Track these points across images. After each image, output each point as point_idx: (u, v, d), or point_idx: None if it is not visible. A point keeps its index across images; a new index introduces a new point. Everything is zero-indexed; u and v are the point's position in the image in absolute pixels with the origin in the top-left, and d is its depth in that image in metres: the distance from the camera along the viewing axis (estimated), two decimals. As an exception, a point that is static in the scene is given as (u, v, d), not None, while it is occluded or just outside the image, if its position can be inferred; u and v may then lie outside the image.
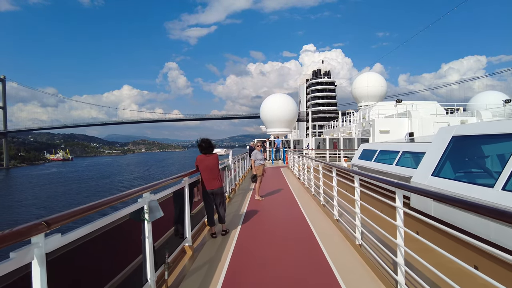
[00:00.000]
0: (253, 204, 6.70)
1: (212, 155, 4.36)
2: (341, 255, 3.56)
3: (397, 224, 2.54)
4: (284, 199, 7.34)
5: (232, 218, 5.50)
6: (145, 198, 2.56)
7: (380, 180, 3.09)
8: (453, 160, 4.35)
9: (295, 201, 6.97)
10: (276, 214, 5.85)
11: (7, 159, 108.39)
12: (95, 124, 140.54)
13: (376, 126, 19.69)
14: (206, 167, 4.27)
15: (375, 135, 19.70)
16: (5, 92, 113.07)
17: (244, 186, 9.51)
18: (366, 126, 21.13)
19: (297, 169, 11.48)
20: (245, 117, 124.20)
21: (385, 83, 35.15)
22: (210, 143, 4.32)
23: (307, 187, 8.47)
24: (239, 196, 7.80)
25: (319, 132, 59.08)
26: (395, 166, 6.57)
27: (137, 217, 2.53)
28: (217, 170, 4.33)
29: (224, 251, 3.80)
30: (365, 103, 33.54)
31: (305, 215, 5.59)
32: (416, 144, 6.59)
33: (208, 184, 4.28)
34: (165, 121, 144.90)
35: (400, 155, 6.63)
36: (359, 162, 8.95)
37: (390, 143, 8.08)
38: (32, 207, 34.23)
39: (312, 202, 6.74)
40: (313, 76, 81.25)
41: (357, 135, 22.31)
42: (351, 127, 24.32)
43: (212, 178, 4.28)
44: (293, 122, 35.05)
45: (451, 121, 19.25)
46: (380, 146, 8.12)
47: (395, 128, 19.53)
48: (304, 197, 7.35)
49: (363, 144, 9.62)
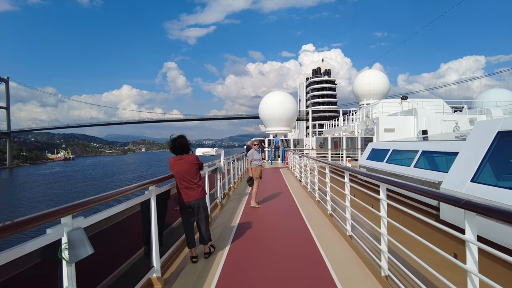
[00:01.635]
0: (248, 213, 5.77)
1: (185, 157, 3.35)
2: None
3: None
4: (285, 206, 6.43)
5: (222, 232, 4.56)
6: (63, 225, 1.63)
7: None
8: (500, 161, 3.41)
9: (298, 209, 6.04)
10: (274, 226, 4.95)
11: (10, 159, 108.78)
12: (98, 124, 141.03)
13: (380, 125, 18.75)
14: (178, 173, 3.32)
15: (379, 134, 18.75)
16: (9, 93, 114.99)
17: (239, 190, 8.58)
18: (370, 125, 20.19)
19: (298, 171, 10.53)
20: (244, 117, 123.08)
21: (387, 80, 34.21)
22: (182, 142, 3.33)
23: (310, 191, 7.53)
24: (233, 202, 6.87)
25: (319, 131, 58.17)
26: (415, 169, 5.62)
27: (50, 255, 1.59)
28: (193, 176, 3.35)
29: (206, 281, 2.92)
30: (367, 101, 32.59)
31: (310, 227, 4.68)
32: (439, 143, 5.63)
33: (184, 194, 3.33)
34: (166, 121, 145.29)
35: (419, 155, 5.69)
36: (367, 163, 8.01)
37: (405, 142, 7.13)
38: (43, 203, 34.72)
39: (317, 211, 5.82)
40: (313, 74, 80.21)
41: (360, 134, 21.36)
42: (353, 125, 23.37)
43: (188, 187, 3.32)
44: (292, 121, 34.07)
45: (459, 119, 18.33)
46: (393, 145, 7.17)
47: (400, 127, 18.59)
48: (307, 205, 6.42)
49: (372, 143, 8.67)
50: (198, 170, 3.42)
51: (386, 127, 18.62)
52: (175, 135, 3.41)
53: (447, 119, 18.44)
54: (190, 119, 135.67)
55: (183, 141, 3.35)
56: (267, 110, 31.03)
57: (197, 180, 3.37)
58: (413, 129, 18.63)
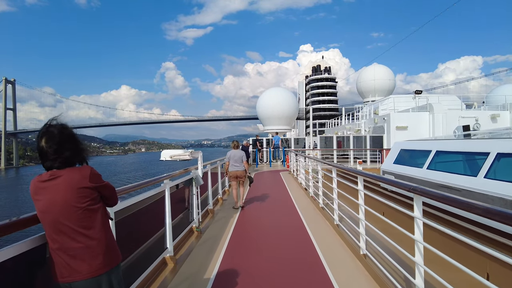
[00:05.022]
0: (237, 244, 3.85)
1: (65, 176, 1.40)
2: None
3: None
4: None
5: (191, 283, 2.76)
6: None
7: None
8: None
9: (307, 234, 4.25)
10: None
11: (17, 159, 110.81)
12: (102, 125, 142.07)
13: (391, 122, 16.86)
14: (47, 214, 1.38)
15: (390, 132, 16.87)
16: (15, 94, 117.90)
17: (228, 206, 6.61)
18: (379, 122, 18.30)
19: (303, 177, 8.58)
20: (243, 118, 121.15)
21: (393, 76, 32.32)
22: (63, 135, 1.44)
23: (322, 207, 5.60)
24: (218, 225, 4.94)
25: (319, 130, 56.25)
26: (487, 181, 3.71)
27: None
28: (80, 221, 1.40)
29: None
30: (372, 98, 30.68)
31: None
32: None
33: (60, 266, 1.38)
34: (166, 122, 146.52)
35: (492, 160, 3.78)
36: (396, 168, 6.09)
37: (453, 140, 5.20)
38: None
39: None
40: (313, 72, 78.21)
41: (367, 132, 19.47)
42: (359, 123, 21.46)
43: (70, 248, 1.38)
44: (293, 119, 32.06)
45: (479, 115, 16.50)
46: (436, 144, 5.25)
47: (414, 124, 16.71)
48: (320, 228, 4.53)
49: (399, 142, 6.73)
50: (95, 203, 1.48)
51: (399, 124, 16.73)
52: (51, 121, 1.49)
53: (465, 115, 16.61)
54: (190, 121, 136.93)
55: (64, 135, 1.46)
56: (266, 108, 28.86)
57: (92, 229, 1.45)
58: (428, 127, 16.77)
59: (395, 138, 16.88)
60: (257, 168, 15.63)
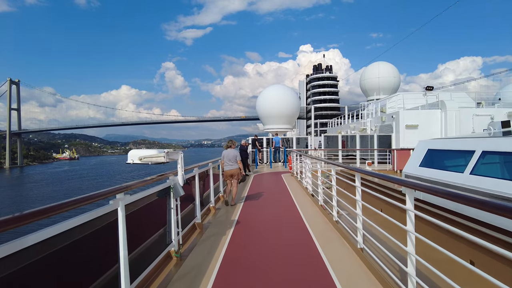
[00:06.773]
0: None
1: None
2: None
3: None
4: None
5: None
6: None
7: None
8: None
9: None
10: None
11: (21, 158, 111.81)
12: (102, 125, 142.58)
13: (400, 120, 15.78)
14: None
15: (399, 131, 15.79)
16: (20, 95, 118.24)
17: (220, 218, 5.54)
18: (387, 121, 17.22)
19: (309, 181, 7.49)
20: (243, 119, 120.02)
21: (398, 73, 31.17)
22: None
23: (336, 221, 4.52)
24: (206, 245, 3.86)
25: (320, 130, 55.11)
26: None
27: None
28: None
29: None
30: (377, 96, 29.59)
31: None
32: None
33: None
34: (166, 122, 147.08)
35: None
36: (425, 173, 5.01)
37: (504, 138, 4.11)
38: (74, 195, 37.46)
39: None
40: (314, 71, 77.05)
41: (374, 131, 18.39)
42: (365, 122, 20.38)
43: None
44: (294, 118, 30.86)
45: (495, 113, 15.40)
46: (481, 143, 4.16)
47: (424, 123, 15.62)
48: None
49: (425, 141, 5.63)
50: None
51: (408, 123, 15.65)
52: None
53: (480, 113, 15.50)
54: (190, 121, 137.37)
55: None
56: (267, 106, 27.65)
57: None
58: (440, 125, 15.68)
59: (404, 138, 15.81)
60: (257, 169, 14.55)
